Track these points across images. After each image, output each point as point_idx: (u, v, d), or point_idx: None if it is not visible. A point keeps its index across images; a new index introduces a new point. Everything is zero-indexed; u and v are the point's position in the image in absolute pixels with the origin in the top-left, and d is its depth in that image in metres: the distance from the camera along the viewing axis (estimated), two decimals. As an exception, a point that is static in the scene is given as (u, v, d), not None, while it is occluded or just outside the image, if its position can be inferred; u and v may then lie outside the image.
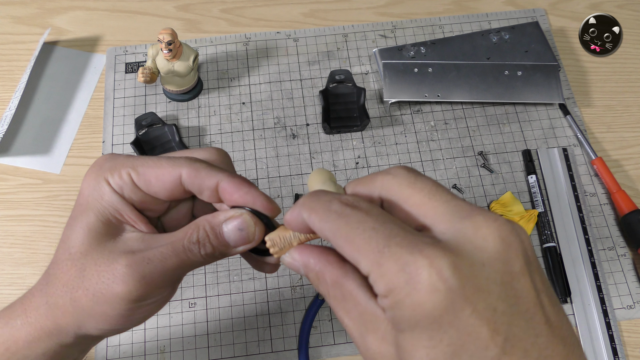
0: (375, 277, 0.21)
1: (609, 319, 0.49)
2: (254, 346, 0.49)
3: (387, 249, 0.21)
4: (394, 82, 0.58)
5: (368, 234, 0.21)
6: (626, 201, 0.53)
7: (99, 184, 0.28)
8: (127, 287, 0.26)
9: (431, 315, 0.20)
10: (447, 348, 0.20)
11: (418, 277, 0.20)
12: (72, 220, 0.28)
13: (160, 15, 0.65)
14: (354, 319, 0.23)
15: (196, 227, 0.27)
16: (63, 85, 0.61)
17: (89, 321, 0.27)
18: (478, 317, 0.19)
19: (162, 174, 0.27)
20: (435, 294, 0.19)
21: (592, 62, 0.63)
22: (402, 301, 0.20)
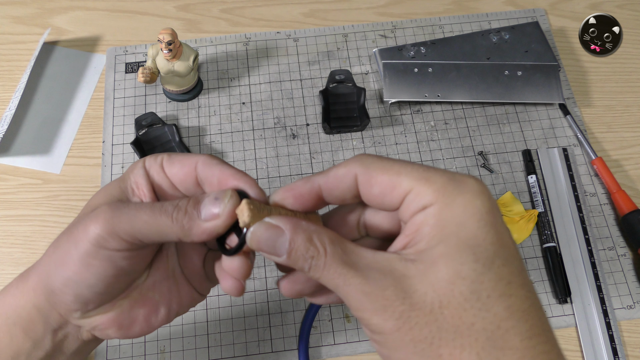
0: (421, 189, 0.23)
1: (609, 319, 0.49)
2: (254, 346, 0.49)
3: (431, 170, 0.24)
4: (394, 82, 0.58)
5: (407, 163, 0.24)
6: (626, 201, 0.53)
7: (137, 164, 0.29)
8: (97, 225, 0.26)
9: (480, 211, 0.23)
10: (490, 246, 0.22)
11: (467, 183, 0.23)
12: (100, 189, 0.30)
13: (160, 15, 0.65)
14: (361, 270, 0.23)
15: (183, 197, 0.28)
16: (63, 85, 0.61)
17: (55, 265, 0.28)
18: (505, 230, 0.23)
19: (185, 159, 0.28)
20: (483, 195, 0.23)
21: (592, 62, 0.63)
22: (453, 201, 0.23)
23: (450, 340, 0.21)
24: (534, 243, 0.53)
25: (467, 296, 0.21)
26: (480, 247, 0.22)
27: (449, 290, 0.22)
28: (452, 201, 0.23)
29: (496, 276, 0.22)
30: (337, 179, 0.25)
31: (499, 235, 0.23)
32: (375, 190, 0.25)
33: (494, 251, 0.22)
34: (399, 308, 0.22)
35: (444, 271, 0.22)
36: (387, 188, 0.24)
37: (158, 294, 0.31)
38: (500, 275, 0.22)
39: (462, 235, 0.22)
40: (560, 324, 0.50)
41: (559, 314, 0.50)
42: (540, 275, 0.52)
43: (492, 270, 0.22)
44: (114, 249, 0.27)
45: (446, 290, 0.22)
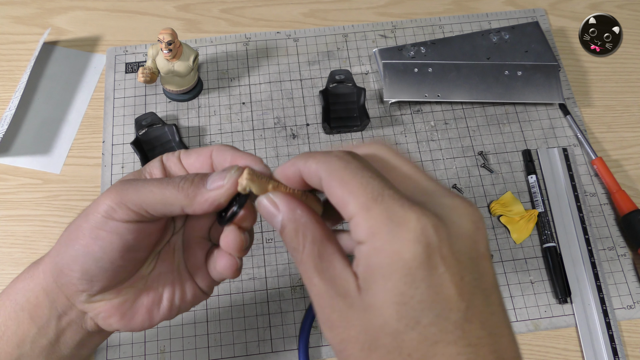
0: (360, 221, 0.22)
1: (609, 319, 0.49)
2: (254, 346, 0.49)
3: (380, 197, 0.22)
4: (394, 82, 0.58)
5: (365, 180, 0.22)
6: (626, 201, 0.53)
7: (156, 159, 0.31)
8: (105, 197, 0.28)
9: (407, 265, 0.21)
10: (417, 305, 0.21)
11: (404, 227, 0.21)
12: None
13: (160, 15, 0.65)
14: (325, 280, 0.23)
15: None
16: (63, 85, 0.61)
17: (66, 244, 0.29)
18: (448, 278, 0.21)
19: (202, 151, 0.30)
20: (416, 245, 0.21)
21: (592, 62, 0.63)
22: (382, 248, 0.21)
23: None
24: (534, 243, 0.53)
25: (390, 349, 0.21)
26: (406, 305, 0.21)
27: (375, 339, 0.22)
28: (381, 247, 0.21)
29: (419, 336, 0.21)
30: (309, 171, 0.24)
31: (431, 290, 0.21)
32: (332, 200, 0.23)
33: (421, 309, 0.21)
34: (341, 334, 0.23)
35: (372, 321, 0.22)
36: (339, 204, 0.23)
37: (162, 286, 0.31)
38: (424, 336, 0.21)
39: (388, 288, 0.21)
40: (560, 324, 0.50)
41: (559, 314, 0.50)
42: (540, 275, 0.52)
43: (415, 330, 0.21)
44: (121, 220, 0.28)
45: (373, 339, 0.22)
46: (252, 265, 0.52)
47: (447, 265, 0.21)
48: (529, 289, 0.51)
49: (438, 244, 0.21)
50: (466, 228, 0.22)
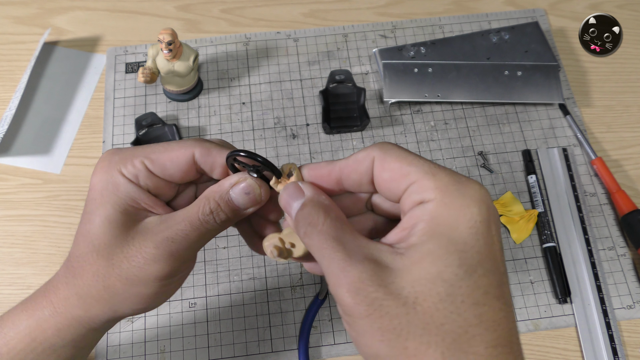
0: (426, 182, 0.24)
1: (609, 319, 0.49)
2: (254, 346, 0.49)
3: (441, 168, 0.25)
4: (394, 82, 0.58)
5: (418, 157, 0.25)
6: (626, 201, 0.53)
7: (112, 177, 0.29)
8: (160, 265, 0.28)
9: (474, 218, 0.23)
10: (475, 255, 0.23)
11: (470, 188, 0.24)
12: (88, 215, 0.29)
13: (160, 15, 0.66)
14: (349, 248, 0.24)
15: (207, 200, 0.29)
16: (63, 85, 0.61)
17: (124, 303, 0.29)
18: (496, 242, 0.24)
19: (176, 157, 0.29)
20: (481, 204, 0.23)
21: (592, 62, 0.63)
22: (451, 203, 0.23)
23: (418, 335, 0.22)
24: (534, 243, 0.53)
25: (442, 297, 0.22)
26: (466, 253, 0.23)
27: (427, 289, 0.22)
28: (451, 202, 0.23)
29: (474, 284, 0.22)
30: (356, 162, 0.26)
31: (487, 246, 0.23)
32: (386, 175, 0.25)
33: (478, 260, 0.23)
34: (372, 294, 0.22)
35: (427, 269, 0.22)
36: (397, 174, 0.25)
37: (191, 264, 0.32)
38: (478, 284, 0.22)
39: (453, 237, 0.23)
40: (560, 323, 0.50)
41: (559, 314, 0.50)
42: (540, 275, 0.52)
43: (472, 278, 0.22)
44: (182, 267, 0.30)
45: (424, 288, 0.22)
46: (252, 265, 0.52)
47: (496, 230, 0.24)
48: (529, 289, 0.51)
49: (494, 210, 0.24)
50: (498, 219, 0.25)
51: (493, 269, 0.23)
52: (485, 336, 0.22)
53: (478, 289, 0.22)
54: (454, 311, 0.22)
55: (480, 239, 0.23)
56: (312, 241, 0.25)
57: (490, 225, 0.24)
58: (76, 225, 0.54)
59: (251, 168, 0.29)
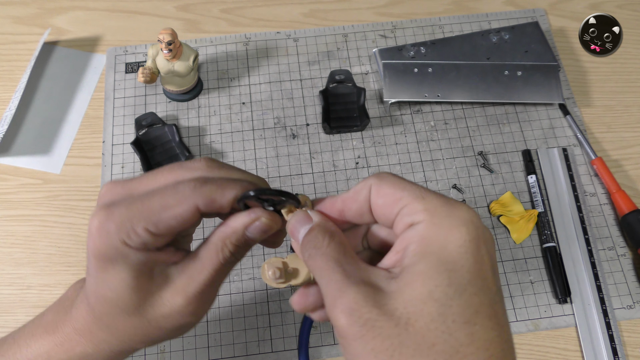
0: (416, 205, 0.25)
1: (609, 319, 0.49)
2: (254, 346, 0.49)
3: (430, 192, 0.25)
4: (394, 82, 0.58)
5: (414, 184, 0.26)
6: (626, 201, 0.53)
7: (117, 249, 0.27)
8: (195, 316, 0.30)
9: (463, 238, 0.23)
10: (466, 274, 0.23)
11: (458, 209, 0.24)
12: (102, 281, 0.28)
13: (160, 15, 0.66)
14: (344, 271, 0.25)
15: (223, 244, 0.29)
16: (63, 85, 0.61)
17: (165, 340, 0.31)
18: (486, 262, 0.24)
19: (179, 214, 0.27)
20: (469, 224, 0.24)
21: (592, 62, 0.63)
22: (440, 223, 0.24)
23: (410, 356, 0.22)
24: (534, 243, 0.53)
25: (434, 317, 0.22)
26: (456, 273, 0.23)
27: (418, 309, 0.22)
28: (440, 222, 0.24)
29: (465, 303, 0.22)
30: (355, 192, 0.27)
31: (477, 265, 0.23)
32: (381, 201, 0.26)
33: (468, 279, 0.23)
34: (365, 315, 0.23)
35: (419, 290, 0.23)
36: (390, 199, 0.26)
37: None
38: (469, 303, 0.23)
39: (442, 256, 0.23)
40: (560, 324, 0.50)
41: (559, 314, 0.50)
42: (540, 275, 0.52)
43: (462, 297, 0.23)
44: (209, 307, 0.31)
45: (416, 309, 0.22)
46: (252, 265, 0.52)
47: (486, 249, 0.24)
48: (529, 289, 0.51)
49: (482, 230, 0.24)
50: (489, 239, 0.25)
51: (484, 288, 0.23)
52: (477, 355, 0.22)
53: (469, 308, 0.22)
54: (446, 331, 0.22)
55: (470, 258, 0.23)
56: (315, 263, 0.26)
57: (480, 244, 0.24)
58: (76, 225, 0.54)
59: (265, 202, 0.28)
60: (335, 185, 0.56)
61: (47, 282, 0.51)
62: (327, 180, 0.56)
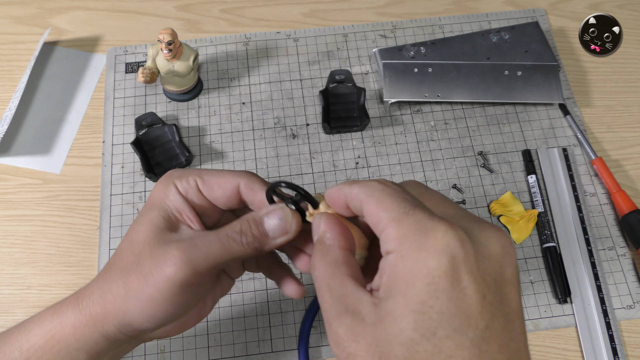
0: (390, 231, 0.23)
1: (609, 319, 0.49)
2: (254, 346, 0.49)
3: (411, 211, 0.23)
4: (394, 82, 0.58)
5: (399, 199, 0.24)
6: (626, 201, 0.53)
7: (167, 187, 0.31)
8: (175, 268, 0.28)
9: (431, 274, 0.21)
10: (436, 315, 0.21)
11: (431, 236, 0.22)
12: (138, 217, 0.31)
13: (160, 15, 0.66)
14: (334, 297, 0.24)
15: (240, 220, 0.30)
16: (63, 85, 0.61)
17: (134, 306, 0.29)
18: (471, 294, 0.21)
19: (224, 182, 0.31)
20: (441, 255, 0.21)
21: (592, 62, 0.63)
22: (408, 256, 0.22)
23: None
24: (534, 243, 0.53)
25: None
26: (424, 315, 0.21)
27: (387, 350, 0.21)
28: (408, 255, 0.22)
29: (434, 348, 0.21)
30: (352, 195, 0.26)
31: (452, 303, 0.21)
32: (367, 219, 0.25)
33: (439, 321, 0.21)
34: (348, 349, 0.23)
35: (387, 330, 0.22)
36: (374, 219, 0.24)
37: (206, 290, 0.33)
38: (439, 348, 0.21)
39: (409, 295, 0.21)
40: (560, 324, 0.50)
41: (559, 314, 0.50)
42: (540, 275, 0.52)
43: (430, 342, 0.21)
44: (197, 284, 0.30)
45: (385, 349, 0.22)
46: (252, 265, 0.52)
47: (471, 280, 0.21)
48: (529, 289, 0.51)
49: (464, 257, 0.21)
50: (494, 250, 0.22)
51: (462, 328, 0.21)
52: None
53: (439, 353, 0.20)
54: None
55: (442, 296, 0.21)
56: (314, 282, 0.26)
57: (458, 276, 0.21)
58: (76, 225, 0.54)
59: (289, 200, 0.30)
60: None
61: (47, 282, 0.51)
62: (327, 180, 0.56)
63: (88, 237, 0.53)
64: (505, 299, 0.22)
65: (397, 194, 0.24)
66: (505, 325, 0.21)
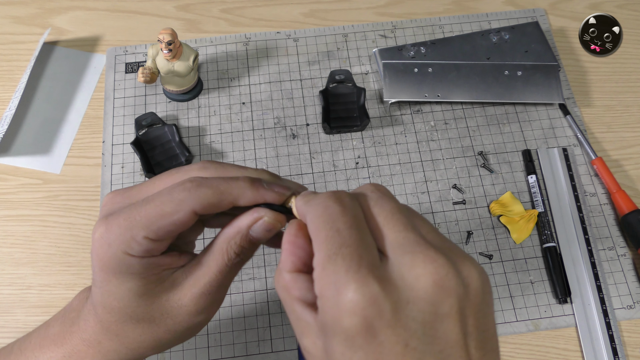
0: (316, 276, 0.23)
1: (609, 319, 0.49)
2: (254, 346, 0.49)
3: (334, 256, 0.22)
4: (394, 82, 0.58)
5: (330, 233, 0.23)
6: (626, 201, 0.53)
7: (121, 260, 0.27)
8: (202, 316, 0.30)
9: (345, 332, 0.21)
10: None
11: (343, 296, 0.21)
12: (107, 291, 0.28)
13: (160, 15, 0.65)
14: (293, 321, 0.25)
15: (228, 244, 0.28)
16: (63, 85, 0.61)
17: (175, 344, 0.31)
18: (388, 347, 0.21)
19: (177, 220, 0.26)
20: (352, 316, 0.21)
21: (592, 62, 0.63)
22: (327, 311, 0.22)
23: None
24: (534, 243, 0.53)
25: None
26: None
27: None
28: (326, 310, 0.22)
29: None
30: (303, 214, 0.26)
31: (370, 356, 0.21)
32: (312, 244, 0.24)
33: None
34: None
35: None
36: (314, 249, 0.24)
37: None
38: None
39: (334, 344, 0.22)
40: (560, 324, 0.50)
41: (559, 314, 0.50)
42: (540, 275, 0.52)
43: None
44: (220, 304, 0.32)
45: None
46: (252, 265, 0.52)
47: (389, 333, 0.21)
48: (529, 289, 0.51)
49: (377, 315, 0.21)
50: (422, 290, 0.21)
51: None
52: None
53: None
54: None
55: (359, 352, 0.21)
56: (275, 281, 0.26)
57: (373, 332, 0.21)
58: (76, 225, 0.54)
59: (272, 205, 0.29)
60: (335, 185, 0.56)
61: (47, 282, 0.51)
62: (327, 180, 0.56)
63: (88, 237, 0.53)
64: (437, 337, 0.21)
65: (332, 224, 0.23)
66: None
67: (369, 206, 0.25)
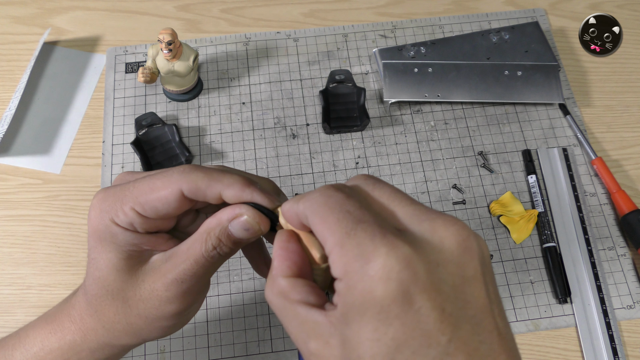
0: (335, 258, 0.22)
1: (609, 319, 0.49)
2: (254, 346, 0.49)
3: (353, 231, 0.21)
4: (394, 82, 0.58)
5: (342, 215, 0.22)
6: (626, 201, 0.53)
7: (107, 227, 0.28)
8: (174, 305, 0.29)
9: (380, 303, 0.20)
10: (390, 342, 0.20)
11: (374, 263, 0.20)
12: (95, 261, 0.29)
13: (160, 15, 0.65)
14: (296, 326, 0.24)
15: (207, 236, 0.28)
16: (63, 85, 0.61)
17: (149, 334, 0.31)
18: (425, 314, 0.20)
19: (164, 197, 0.27)
20: (387, 282, 0.20)
21: (592, 62, 0.63)
22: (354, 286, 0.21)
23: None
24: (534, 243, 0.53)
25: None
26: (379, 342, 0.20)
27: None
28: (354, 285, 0.21)
29: None
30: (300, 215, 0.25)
31: (406, 327, 0.20)
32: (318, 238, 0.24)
33: (395, 346, 0.20)
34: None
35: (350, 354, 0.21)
36: (322, 240, 0.23)
37: None
38: None
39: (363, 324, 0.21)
40: (560, 324, 0.50)
41: (559, 314, 0.50)
42: (540, 275, 0.52)
43: None
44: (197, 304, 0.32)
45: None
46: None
47: (425, 298, 0.20)
48: (529, 289, 0.51)
49: (412, 278, 0.20)
50: (449, 252, 0.21)
51: (422, 349, 0.20)
52: None
53: None
54: None
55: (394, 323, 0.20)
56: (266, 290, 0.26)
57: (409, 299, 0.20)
58: (76, 225, 0.54)
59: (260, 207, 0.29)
60: (335, 185, 0.55)
61: (47, 282, 0.51)
62: (327, 180, 0.56)
63: (88, 237, 0.53)
64: (468, 301, 0.21)
65: (340, 208, 0.22)
66: (472, 330, 0.20)
67: (368, 192, 0.24)
